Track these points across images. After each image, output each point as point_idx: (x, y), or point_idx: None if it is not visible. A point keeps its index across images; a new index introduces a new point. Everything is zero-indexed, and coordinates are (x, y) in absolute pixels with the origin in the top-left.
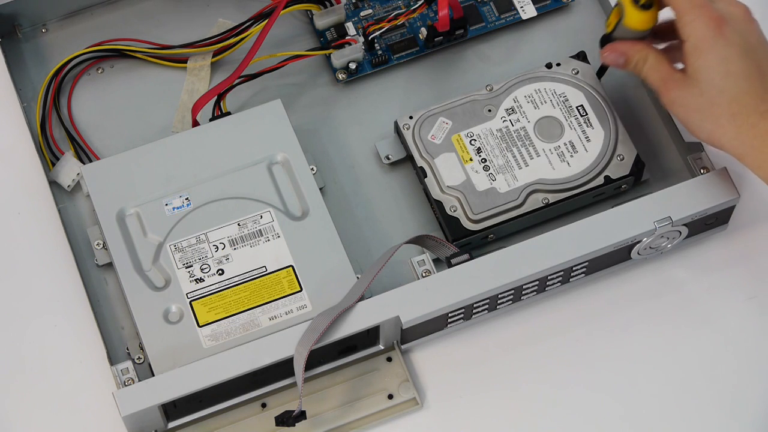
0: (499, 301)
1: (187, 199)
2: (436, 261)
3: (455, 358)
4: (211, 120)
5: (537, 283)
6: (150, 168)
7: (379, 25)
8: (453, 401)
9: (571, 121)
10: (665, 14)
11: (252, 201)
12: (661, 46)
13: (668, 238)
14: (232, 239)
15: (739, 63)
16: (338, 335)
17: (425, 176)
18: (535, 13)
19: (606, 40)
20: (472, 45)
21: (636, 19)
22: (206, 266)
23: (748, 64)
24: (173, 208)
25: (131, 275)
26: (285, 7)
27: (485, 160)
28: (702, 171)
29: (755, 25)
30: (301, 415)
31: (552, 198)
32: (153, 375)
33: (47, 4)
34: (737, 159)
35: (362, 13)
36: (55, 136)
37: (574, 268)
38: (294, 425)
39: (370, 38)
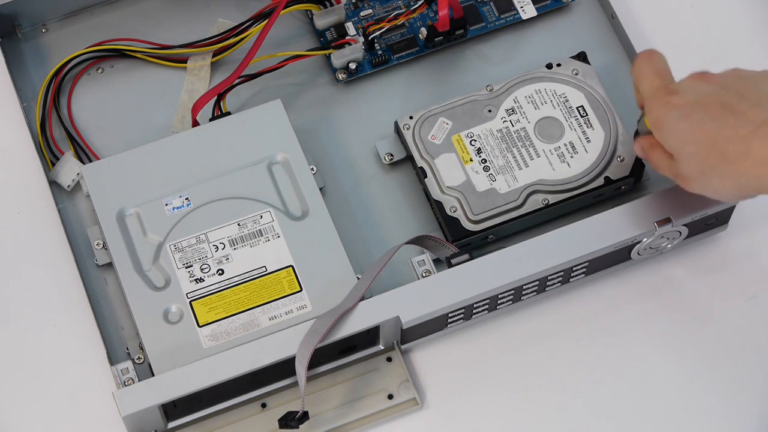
0: (499, 301)
1: (187, 199)
2: (436, 261)
3: (455, 358)
4: (211, 120)
5: (537, 283)
6: (150, 168)
7: (379, 25)
8: (453, 401)
9: (571, 122)
10: None
11: (252, 201)
12: None
13: (668, 239)
14: (232, 239)
15: (696, 111)
16: (338, 335)
17: (425, 176)
18: (535, 13)
19: (636, 134)
20: (472, 45)
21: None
22: (206, 266)
23: (706, 107)
24: (173, 208)
25: (131, 275)
26: (285, 7)
27: (485, 161)
28: None
29: (707, 77)
30: (304, 416)
31: (552, 199)
32: (153, 375)
33: (47, 4)
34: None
35: (362, 13)
36: (55, 136)
37: (574, 268)
38: (297, 427)
39: (370, 38)
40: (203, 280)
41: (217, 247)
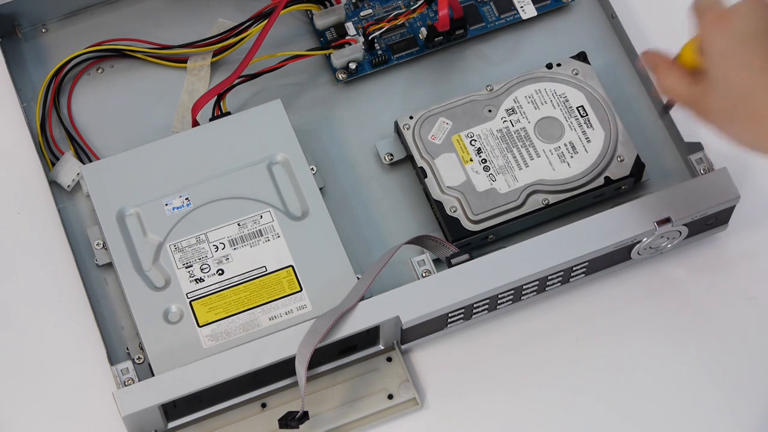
0: (499, 301)
1: (187, 199)
2: (436, 261)
3: (455, 358)
4: (211, 120)
5: (537, 283)
6: (150, 168)
7: (379, 25)
8: (453, 401)
9: (571, 122)
10: None
11: (252, 201)
12: None
13: (668, 238)
14: (232, 239)
15: (741, 53)
16: (338, 335)
17: (425, 176)
18: (535, 13)
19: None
20: (472, 45)
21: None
22: (206, 266)
23: (753, 50)
24: (173, 208)
25: (131, 275)
26: (285, 7)
27: (485, 161)
28: (702, 171)
29: (766, 8)
30: (304, 416)
31: (552, 199)
32: (153, 375)
33: (47, 4)
34: None
35: (362, 13)
36: (55, 136)
37: (574, 268)
38: (297, 427)
39: (370, 38)
40: (203, 280)
41: (217, 247)
